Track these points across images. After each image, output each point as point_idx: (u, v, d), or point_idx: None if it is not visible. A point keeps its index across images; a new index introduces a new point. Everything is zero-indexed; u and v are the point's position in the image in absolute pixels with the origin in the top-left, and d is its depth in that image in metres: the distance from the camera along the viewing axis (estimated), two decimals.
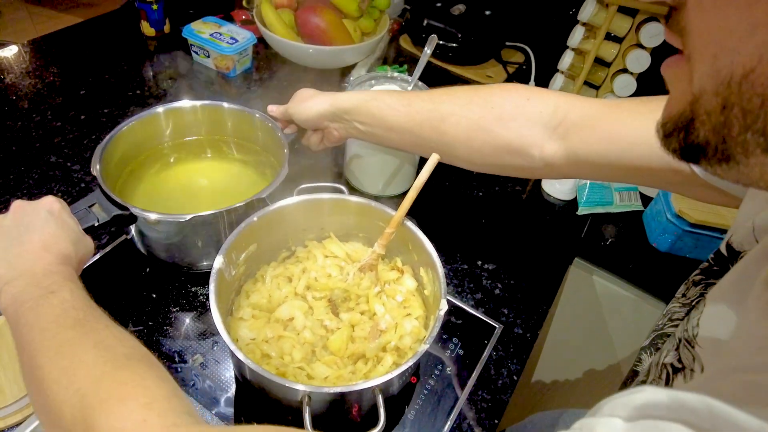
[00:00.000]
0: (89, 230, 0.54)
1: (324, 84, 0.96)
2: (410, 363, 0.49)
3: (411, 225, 0.61)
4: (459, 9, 1.23)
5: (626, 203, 0.89)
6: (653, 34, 0.93)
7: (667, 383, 0.34)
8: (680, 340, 0.35)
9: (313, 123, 0.67)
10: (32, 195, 0.77)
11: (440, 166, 0.60)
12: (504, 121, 0.55)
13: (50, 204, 0.50)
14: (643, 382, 0.36)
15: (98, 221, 0.56)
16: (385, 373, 0.49)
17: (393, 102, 0.61)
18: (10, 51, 1.06)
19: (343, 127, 0.65)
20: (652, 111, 0.46)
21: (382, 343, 0.58)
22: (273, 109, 0.71)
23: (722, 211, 0.80)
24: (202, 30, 1.05)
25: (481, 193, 0.90)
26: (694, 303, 0.42)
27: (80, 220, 0.54)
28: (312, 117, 0.65)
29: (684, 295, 0.44)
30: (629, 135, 0.48)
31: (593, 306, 0.93)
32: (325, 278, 0.64)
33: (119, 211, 0.57)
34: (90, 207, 0.57)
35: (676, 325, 0.43)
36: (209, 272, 0.53)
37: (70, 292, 0.43)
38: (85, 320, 0.41)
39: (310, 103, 0.65)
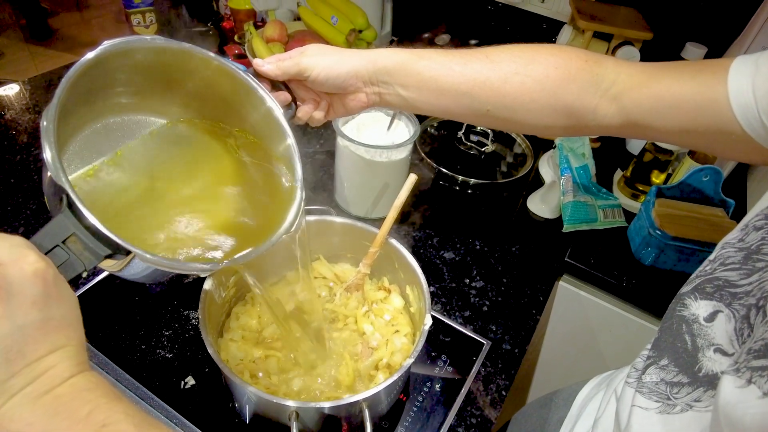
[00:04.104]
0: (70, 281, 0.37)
1: None
2: (396, 377, 0.50)
3: (396, 244, 0.63)
4: (444, 39, 1.28)
5: (610, 220, 0.92)
6: (628, 57, 0.97)
7: None
8: None
9: (340, 83, 0.54)
10: (30, 225, 0.79)
11: (430, 186, 0.61)
12: (567, 82, 0.52)
13: (42, 270, 0.32)
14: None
15: (85, 268, 0.38)
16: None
17: (445, 61, 0.54)
18: (12, 89, 1.10)
19: (378, 93, 0.56)
20: (696, 73, 0.48)
21: (375, 360, 0.59)
22: (262, 63, 0.54)
23: (701, 224, 0.82)
24: None
25: (468, 213, 0.92)
26: (754, 247, 0.42)
27: (59, 268, 0.36)
28: (343, 74, 0.54)
29: (741, 240, 0.44)
30: (675, 94, 0.48)
31: (583, 322, 0.94)
32: (314, 299, 0.65)
33: (110, 251, 0.39)
34: (64, 242, 0.37)
35: (732, 269, 0.44)
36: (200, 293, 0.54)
37: (126, 416, 0.32)
38: None
39: (341, 57, 0.54)
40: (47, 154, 0.38)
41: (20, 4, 2.89)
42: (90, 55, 0.41)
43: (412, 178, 0.61)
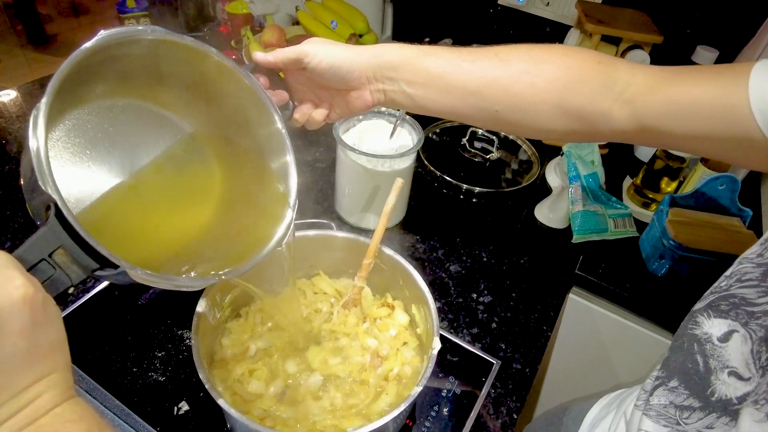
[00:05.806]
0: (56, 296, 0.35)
1: None
2: (403, 407, 0.47)
3: (401, 260, 0.60)
4: (446, 42, 1.25)
5: (621, 230, 0.88)
6: (637, 60, 0.94)
7: None
8: None
9: (343, 74, 0.51)
10: (17, 239, 0.75)
11: (433, 195, 0.58)
12: (579, 84, 0.50)
13: (31, 297, 0.30)
14: None
15: (72, 283, 0.36)
16: (382, 412, 0.47)
17: (454, 57, 0.51)
18: (8, 96, 1.07)
19: (383, 90, 0.53)
20: (714, 76, 0.46)
21: (386, 370, 0.56)
22: (261, 55, 0.52)
23: (718, 235, 0.79)
24: None
25: (474, 223, 0.89)
26: None
27: (44, 284, 0.33)
28: (346, 64, 0.51)
29: (760, 255, 0.42)
30: (693, 98, 0.46)
31: (594, 335, 0.90)
32: (312, 314, 0.62)
33: (98, 265, 0.36)
34: (51, 255, 0.35)
35: (749, 286, 0.42)
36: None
37: None
38: None
39: (344, 48, 0.51)
40: (34, 145, 0.34)
41: (17, 10, 2.87)
42: (88, 44, 0.39)
43: (399, 182, 0.58)
